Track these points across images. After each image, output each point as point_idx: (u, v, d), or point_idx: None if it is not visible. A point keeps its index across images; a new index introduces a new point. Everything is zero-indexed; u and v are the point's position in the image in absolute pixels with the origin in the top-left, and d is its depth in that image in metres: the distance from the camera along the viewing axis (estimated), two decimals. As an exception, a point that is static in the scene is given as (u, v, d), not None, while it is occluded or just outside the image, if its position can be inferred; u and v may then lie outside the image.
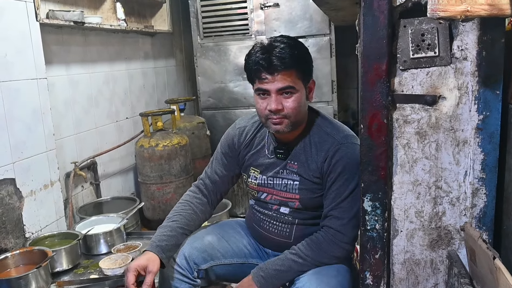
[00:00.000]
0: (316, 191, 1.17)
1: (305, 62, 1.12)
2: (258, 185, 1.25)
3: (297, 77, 1.09)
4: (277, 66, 1.06)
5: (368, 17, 0.97)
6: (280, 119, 1.10)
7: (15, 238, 1.56)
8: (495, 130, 0.99)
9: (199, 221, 1.28)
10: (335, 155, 1.13)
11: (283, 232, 1.24)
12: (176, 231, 1.19)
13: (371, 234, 1.07)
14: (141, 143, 2.46)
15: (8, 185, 1.55)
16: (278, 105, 1.09)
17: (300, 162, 1.18)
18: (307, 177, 1.16)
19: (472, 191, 1.03)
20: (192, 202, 1.27)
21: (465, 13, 0.78)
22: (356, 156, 1.14)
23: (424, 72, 1.00)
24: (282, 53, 1.06)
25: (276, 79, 1.07)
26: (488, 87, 0.98)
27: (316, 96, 3.03)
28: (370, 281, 1.09)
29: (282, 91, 1.09)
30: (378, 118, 1.01)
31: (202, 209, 1.28)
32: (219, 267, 1.27)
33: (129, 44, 2.75)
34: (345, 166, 1.12)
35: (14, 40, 1.63)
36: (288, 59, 1.06)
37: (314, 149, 1.16)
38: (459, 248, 1.06)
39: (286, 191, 1.20)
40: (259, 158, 1.25)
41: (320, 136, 1.17)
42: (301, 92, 1.11)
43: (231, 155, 1.30)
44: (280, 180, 1.20)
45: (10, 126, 1.59)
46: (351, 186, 1.13)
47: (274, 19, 2.98)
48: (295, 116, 1.11)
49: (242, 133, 1.28)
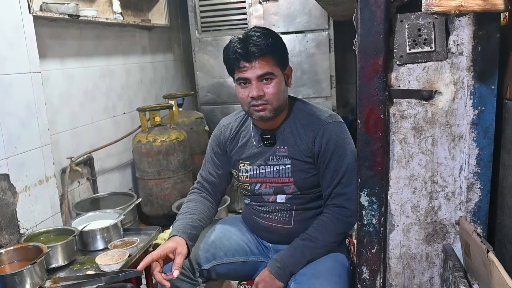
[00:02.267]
0: (309, 170, 1.19)
1: (281, 49, 1.17)
2: (250, 177, 1.26)
3: (274, 64, 1.14)
4: (254, 53, 1.11)
5: (365, 11, 0.97)
6: (263, 105, 1.15)
7: (9, 234, 1.55)
8: (490, 125, 0.99)
9: (211, 216, 1.31)
10: (324, 134, 1.17)
11: (282, 218, 1.26)
12: (197, 222, 1.21)
13: (368, 229, 1.08)
14: (138, 138, 2.45)
15: (1, 180, 1.54)
16: (259, 91, 1.13)
17: (290, 145, 1.21)
18: (298, 158, 1.19)
19: (467, 185, 1.03)
20: (200, 200, 1.31)
21: (459, 8, 0.78)
22: (344, 133, 1.20)
23: (421, 67, 1.00)
24: (257, 41, 1.11)
25: (255, 66, 1.12)
26: (484, 82, 0.98)
27: (314, 92, 3.03)
28: (366, 275, 1.10)
29: (262, 78, 1.13)
30: (375, 113, 1.01)
31: (211, 206, 1.32)
32: (221, 266, 1.27)
33: (126, 38, 2.73)
34: (336, 143, 1.16)
35: (6, 33, 1.61)
36: (264, 46, 1.11)
37: (302, 130, 1.20)
38: (454, 242, 1.07)
39: (279, 176, 1.22)
40: (246, 150, 1.27)
41: (305, 117, 1.21)
42: (279, 78, 1.16)
43: (221, 153, 1.32)
44: (271, 167, 1.23)
45: (3, 120, 1.58)
46: (346, 161, 1.16)
47: (272, 14, 2.96)
48: (277, 101, 1.16)
49: (227, 130, 1.32)
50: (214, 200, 1.35)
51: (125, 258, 1.42)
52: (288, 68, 1.22)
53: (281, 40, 1.18)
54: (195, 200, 1.30)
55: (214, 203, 1.35)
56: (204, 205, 1.29)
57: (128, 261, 1.43)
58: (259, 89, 1.13)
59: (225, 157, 1.33)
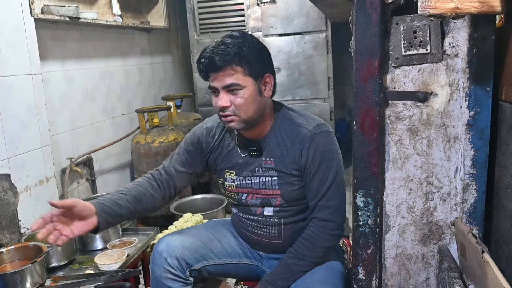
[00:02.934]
0: (295, 183, 1.17)
1: (254, 58, 1.09)
2: (236, 187, 1.23)
3: (244, 74, 1.08)
4: (218, 64, 1.06)
5: (360, 14, 0.98)
6: (231, 116, 1.10)
7: (10, 234, 1.56)
8: (486, 126, 1.00)
9: (147, 205, 1.21)
10: (311, 146, 1.13)
11: (271, 234, 1.24)
12: (124, 203, 1.14)
13: (364, 230, 1.08)
14: (137, 139, 2.46)
15: (3, 180, 1.55)
16: (224, 102, 1.09)
17: (276, 157, 1.17)
18: (285, 171, 1.16)
19: (463, 186, 1.04)
20: (144, 186, 1.22)
21: (455, 10, 0.79)
22: (332, 144, 1.15)
23: (416, 69, 1.01)
24: (224, 51, 1.06)
25: (221, 76, 1.08)
26: (479, 84, 0.99)
27: (312, 93, 3.04)
28: (362, 276, 1.11)
29: (229, 88, 1.08)
30: (370, 115, 1.02)
31: (152, 195, 1.22)
32: (213, 266, 1.26)
33: (125, 40, 2.74)
34: (323, 155, 1.13)
35: (8, 35, 1.62)
36: (230, 56, 1.06)
37: (288, 141, 1.16)
38: (450, 243, 1.08)
39: (266, 188, 1.19)
40: (232, 159, 1.23)
41: (292, 128, 1.16)
42: (249, 88, 1.09)
43: (194, 153, 1.26)
44: (258, 178, 1.19)
45: (5, 121, 1.59)
46: (332, 174, 1.14)
47: (270, 16, 2.98)
48: (245, 113, 1.10)
49: (210, 134, 1.26)
50: (162, 193, 1.24)
51: (124, 257, 1.43)
52: (267, 76, 1.14)
53: (257, 47, 1.11)
54: (138, 184, 1.22)
55: (161, 196, 1.24)
56: (144, 192, 1.20)
57: (126, 260, 1.44)
58: (225, 99, 1.09)
59: (197, 158, 1.26)
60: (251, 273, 1.32)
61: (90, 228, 1.08)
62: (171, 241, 1.21)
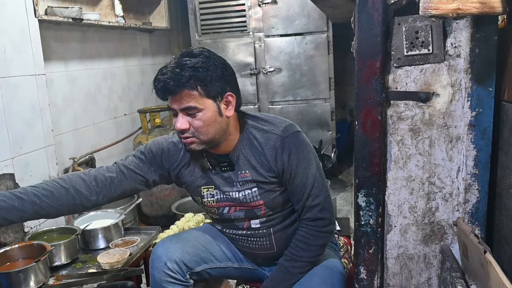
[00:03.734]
0: (276, 189, 1.14)
1: (211, 79, 1.03)
2: (217, 201, 1.18)
3: (201, 96, 1.03)
4: (173, 89, 1.01)
5: (362, 14, 0.98)
6: (190, 138, 1.06)
7: (14, 233, 1.57)
8: (488, 126, 1.00)
9: (61, 201, 1.07)
10: (284, 151, 1.10)
11: (263, 245, 1.21)
12: (27, 195, 1.03)
13: (365, 229, 1.09)
14: (139, 139, 2.47)
15: (7, 180, 1.56)
16: (183, 125, 1.04)
17: (251, 168, 1.13)
18: (263, 180, 1.13)
19: (465, 186, 1.04)
20: (72, 180, 1.10)
21: (457, 11, 0.79)
22: (303, 144, 1.12)
23: (418, 69, 1.02)
24: (179, 74, 1.00)
25: (178, 98, 1.03)
26: (481, 84, 0.99)
27: (313, 94, 3.05)
28: (364, 276, 1.11)
29: (186, 112, 1.04)
30: (372, 115, 1.02)
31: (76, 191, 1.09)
32: (214, 269, 1.24)
33: (127, 40, 2.75)
34: (298, 157, 1.10)
35: (13, 36, 1.63)
36: (185, 79, 1.00)
37: (260, 149, 1.12)
38: (451, 243, 1.08)
39: (247, 201, 1.16)
40: (205, 176, 1.18)
41: (260, 135, 1.13)
42: (208, 110, 1.04)
43: (151, 161, 1.18)
44: (237, 193, 1.15)
45: (9, 121, 1.60)
46: (311, 173, 1.11)
47: (272, 16, 2.98)
48: (205, 135, 1.06)
49: (175, 149, 1.18)
50: (93, 192, 1.11)
51: (126, 257, 1.43)
52: (228, 95, 1.07)
53: (215, 67, 1.04)
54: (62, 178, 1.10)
55: (89, 194, 1.10)
56: (67, 186, 1.08)
57: (129, 259, 1.45)
58: (183, 122, 1.04)
59: (153, 168, 1.17)
60: (253, 276, 1.31)
61: None
62: (170, 245, 1.18)
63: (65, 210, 1.10)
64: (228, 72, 1.09)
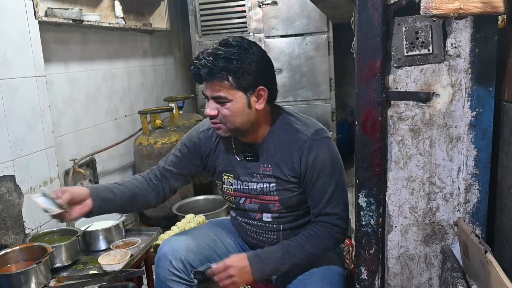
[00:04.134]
0: (293, 189, 1.15)
1: (244, 72, 1.04)
2: (234, 190, 1.22)
3: (232, 87, 1.05)
4: (203, 77, 1.05)
5: (362, 15, 0.98)
6: (218, 124, 1.10)
7: (15, 234, 1.57)
8: (488, 126, 1.00)
9: (142, 199, 1.22)
10: (310, 153, 1.10)
11: (271, 240, 1.23)
12: (117, 190, 1.18)
13: (366, 230, 1.09)
14: (139, 140, 2.47)
15: (8, 181, 1.56)
16: (211, 111, 1.08)
17: (274, 163, 1.15)
18: (283, 178, 1.14)
19: (466, 186, 1.04)
20: (141, 180, 1.23)
21: (458, 10, 0.79)
22: (332, 150, 1.13)
23: (418, 70, 1.02)
24: (212, 64, 1.03)
25: (210, 86, 1.07)
26: (481, 84, 0.99)
27: (314, 94, 3.05)
28: (365, 276, 1.11)
29: (216, 100, 1.07)
30: (372, 115, 1.02)
31: (148, 191, 1.23)
32: None
33: (128, 42, 2.76)
34: (324, 162, 1.10)
35: (13, 37, 1.64)
36: (217, 69, 1.03)
37: (286, 147, 1.13)
38: (452, 243, 1.08)
39: (263, 194, 1.17)
40: (228, 162, 1.21)
41: (291, 134, 1.14)
42: (237, 101, 1.06)
43: (189, 156, 1.25)
44: (255, 184, 1.18)
45: (10, 123, 1.60)
46: (334, 180, 1.12)
47: (272, 17, 2.99)
48: (232, 124, 1.09)
49: (206, 136, 1.24)
50: (156, 191, 1.24)
51: (127, 258, 1.43)
52: (260, 90, 1.08)
53: (250, 60, 1.05)
54: (135, 179, 1.24)
55: (155, 194, 1.24)
56: (140, 187, 1.22)
57: (129, 261, 1.45)
58: (212, 108, 1.08)
59: (193, 161, 1.25)
60: None
61: (85, 210, 1.11)
62: (176, 244, 1.19)
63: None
64: (265, 66, 1.10)
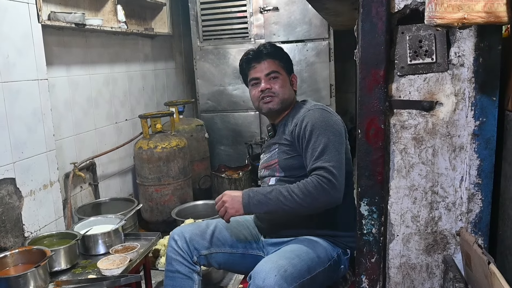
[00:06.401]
0: (289, 152, 1.32)
1: (286, 58, 1.41)
2: (261, 164, 1.45)
3: (280, 66, 1.37)
4: (263, 53, 1.36)
5: (366, 23, 0.99)
6: (271, 96, 1.35)
7: (14, 237, 1.56)
8: (492, 136, 1.00)
9: None
10: (304, 119, 1.29)
11: None
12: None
13: (368, 238, 1.08)
14: (140, 144, 2.46)
15: (8, 184, 1.56)
16: (266, 85, 1.34)
17: (281, 134, 1.37)
18: (281, 142, 1.35)
19: (468, 196, 1.04)
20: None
21: (462, 20, 0.79)
22: (324, 117, 1.28)
23: (422, 78, 1.02)
24: (267, 46, 1.40)
25: (263, 65, 1.35)
26: (485, 94, 0.99)
27: (314, 100, 3.03)
28: (366, 285, 1.10)
29: (269, 76, 1.35)
30: (375, 123, 1.02)
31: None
32: (219, 255, 1.34)
33: (129, 46, 2.77)
34: (314, 125, 1.25)
35: (16, 41, 1.64)
36: (272, 49, 1.38)
37: (290, 120, 1.36)
38: (454, 253, 1.07)
39: (271, 159, 1.38)
40: (265, 144, 1.48)
41: (297, 110, 1.37)
42: (285, 78, 1.38)
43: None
44: (269, 153, 1.41)
45: (11, 126, 1.60)
46: (324, 140, 1.22)
47: (273, 23, 3.00)
48: (283, 95, 1.35)
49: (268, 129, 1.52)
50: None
51: (126, 262, 1.42)
52: (293, 75, 1.43)
53: (286, 53, 1.43)
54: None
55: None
56: None
57: (129, 265, 1.44)
58: (266, 83, 1.34)
59: None
60: (255, 265, 1.32)
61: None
62: (183, 227, 1.38)
63: None
64: (291, 60, 1.45)
